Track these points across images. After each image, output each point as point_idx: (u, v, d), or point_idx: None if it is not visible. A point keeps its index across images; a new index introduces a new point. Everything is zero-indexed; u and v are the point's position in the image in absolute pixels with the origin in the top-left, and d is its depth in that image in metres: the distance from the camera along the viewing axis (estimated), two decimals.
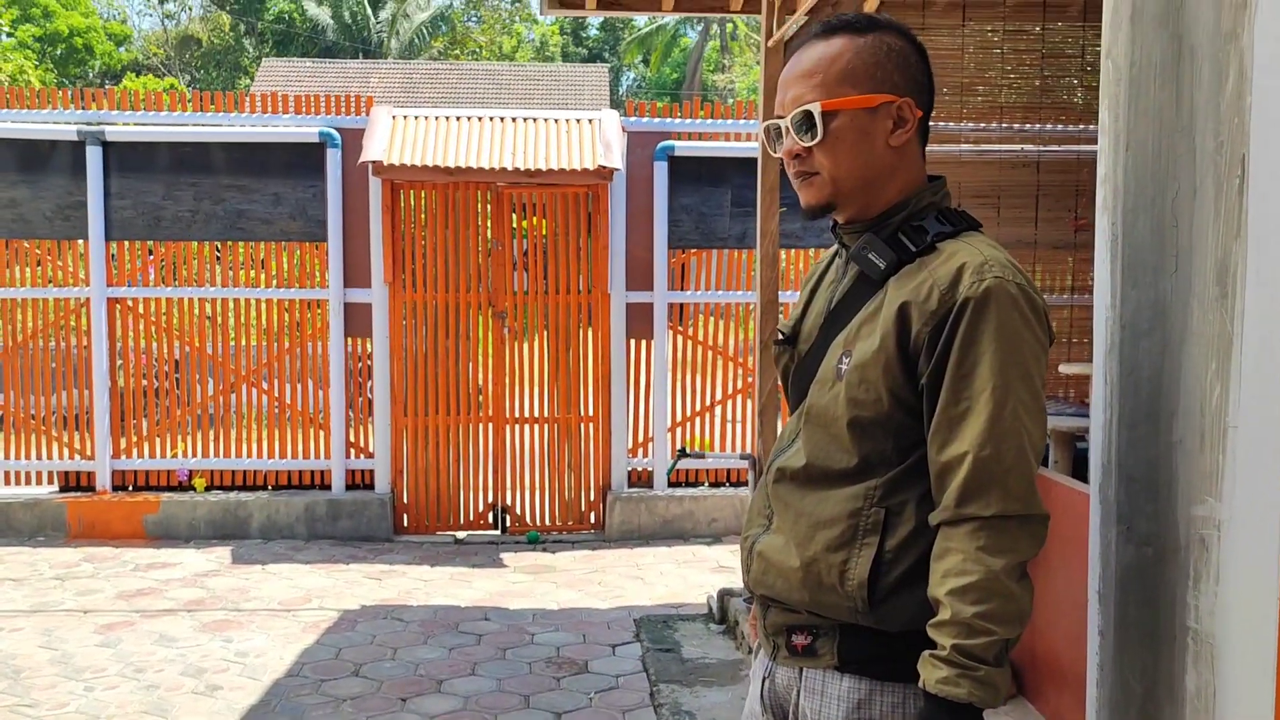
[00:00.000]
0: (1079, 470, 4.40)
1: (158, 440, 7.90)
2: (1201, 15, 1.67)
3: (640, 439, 7.99)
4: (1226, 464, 1.56)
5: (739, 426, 8.11)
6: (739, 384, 8.06)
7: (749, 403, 8.00)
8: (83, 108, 7.80)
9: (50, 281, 7.83)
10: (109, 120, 7.77)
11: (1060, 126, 5.76)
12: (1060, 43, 5.63)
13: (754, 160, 6.96)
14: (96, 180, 7.64)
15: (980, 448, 1.57)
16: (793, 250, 7.79)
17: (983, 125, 5.72)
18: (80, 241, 7.75)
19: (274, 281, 7.91)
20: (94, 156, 7.62)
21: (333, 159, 7.69)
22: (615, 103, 33.12)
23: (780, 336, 1.98)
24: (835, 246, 1.95)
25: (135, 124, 7.81)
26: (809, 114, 1.69)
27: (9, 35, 29.04)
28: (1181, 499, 1.70)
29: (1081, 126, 5.74)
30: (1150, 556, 1.78)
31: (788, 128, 1.74)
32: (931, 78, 1.81)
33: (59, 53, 31.89)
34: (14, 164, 7.66)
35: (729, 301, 7.98)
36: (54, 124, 7.70)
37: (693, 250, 7.92)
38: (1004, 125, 5.71)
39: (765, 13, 5.15)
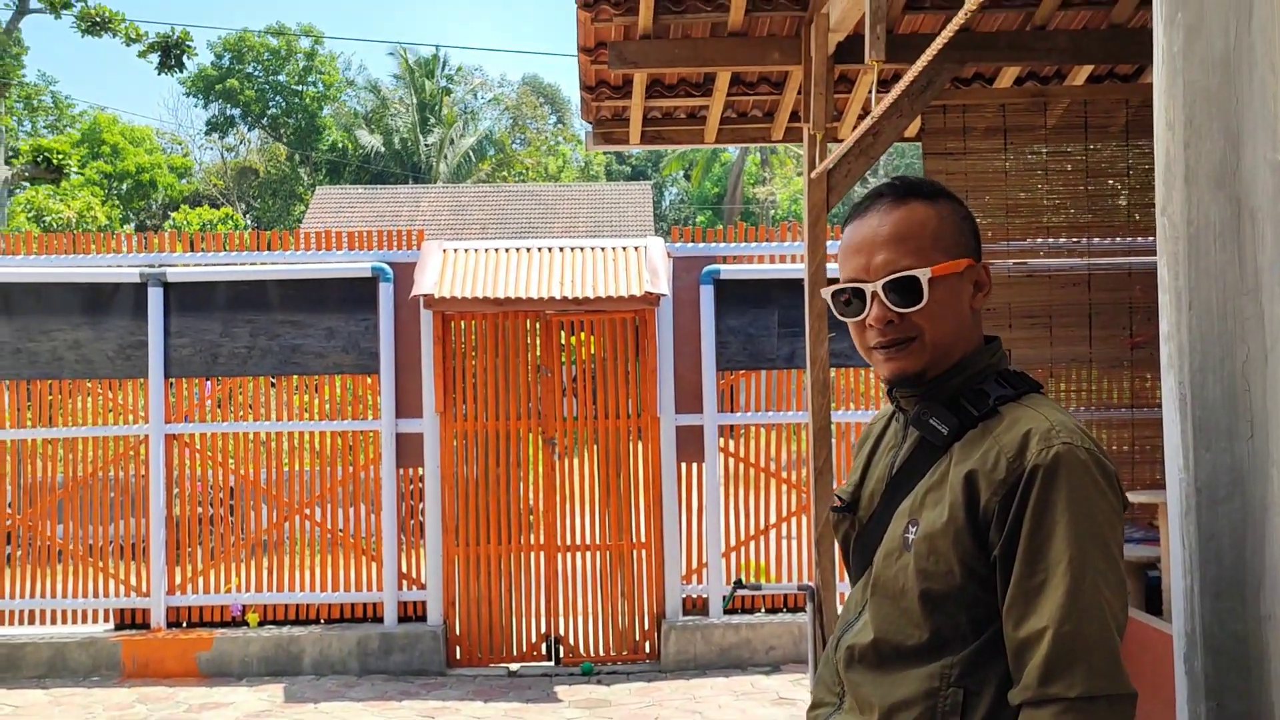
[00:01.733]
0: (1152, 603, 4.24)
1: (212, 574, 7.91)
2: (1260, 179, 1.65)
3: (694, 564, 7.86)
4: None
5: (796, 547, 7.95)
6: (793, 505, 7.93)
7: (804, 524, 7.86)
8: (144, 250, 8.07)
9: (111, 419, 7.99)
10: (170, 262, 8.02)
11: (1109, 240, 5.72)
12: (1104, 160, 5.63)
13: (799, 281, 6.98)
14: (157, 320, 7.85)
15: (1060, 623, 1.50)
16: (843, 369, 7.74)
17: (1029, 242, 5.70)
18: (141, 380, 7.92)
19: (327, 414, 8.00)
20: (155, 297, 7.84)
21: (385, 292, 7.85)
22: (658, 217, 33.72)
23: (839, 503, 1.94)
24: (890, 408, 1.92)
25: (194, 264, 8.05)
26: (914, 280, 1.69)
27: (77, 173, 30.35)
28: (1276, 678, 1.61)
29: (1131, 240, 5.69)
30: None
31: (876, 293, 1.73)
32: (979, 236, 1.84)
33: (124, 188, 33.25)
34: (78, 307, 7.90)
35: (780, 422, 7.92)
36: (117, 267, 7.96)
37: (741, 371, 7.91)
38: (1050, 240, 5.68)
39: (807, 144, 5.23)
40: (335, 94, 40.93)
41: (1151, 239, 5.40)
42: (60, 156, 20.85)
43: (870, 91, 4.44)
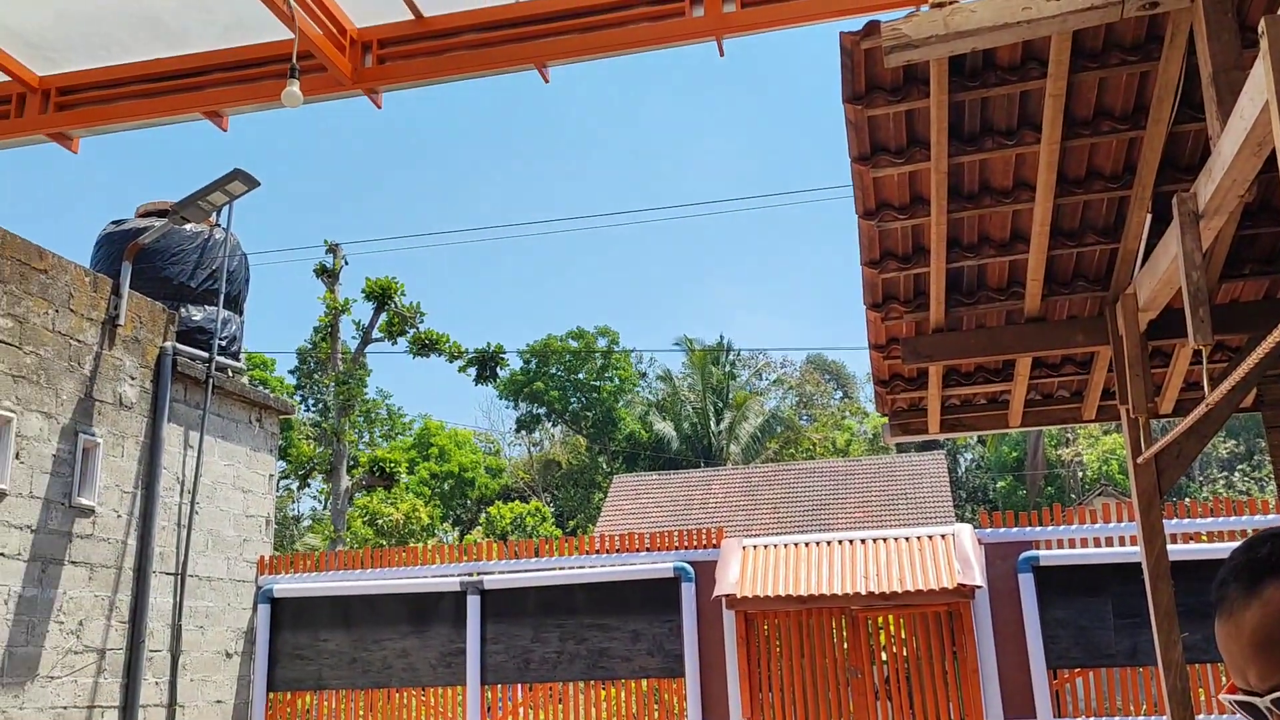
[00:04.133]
0: None
1: None
2: None
3: None
4: None
5: None
6: None
7: None
8: (465, 559, 8.57)
9: None
10: (486, 570, 8.45)
11: None
12: None
13: (1134, 565, 6.33)
14: (474, 628, 8.19)
15: None
16: (1198, 665, 6.80)
17: None
18: (460, 687, 8.18)
19: (634, 716, 7.88)
20: (473, 605, 8.23)
21: (687, 593, 7.83)
22: (954, 484, 32.42)
23: None
24: None
25: (506, 572, 8.43)
26: None
27: (406, 476, 33.43)
28: None
29: None
30: None
31: (1270, 708, 1.48)
32: None
33: (446, 487, 36.23)
34: (406, 616, 8.40)
35: None
36: (441, 576, 8.47)
37: (1075, 670, 7.11)
38: None
39: (1128, 428, 4.86)
40: (630, 387, 43.54)
41: None
42: (392, 465, 23.13)
43: (1202, 367, 4.10)
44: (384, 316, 21.72)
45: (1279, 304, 4.94)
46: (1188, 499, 7.32)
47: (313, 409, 34.91)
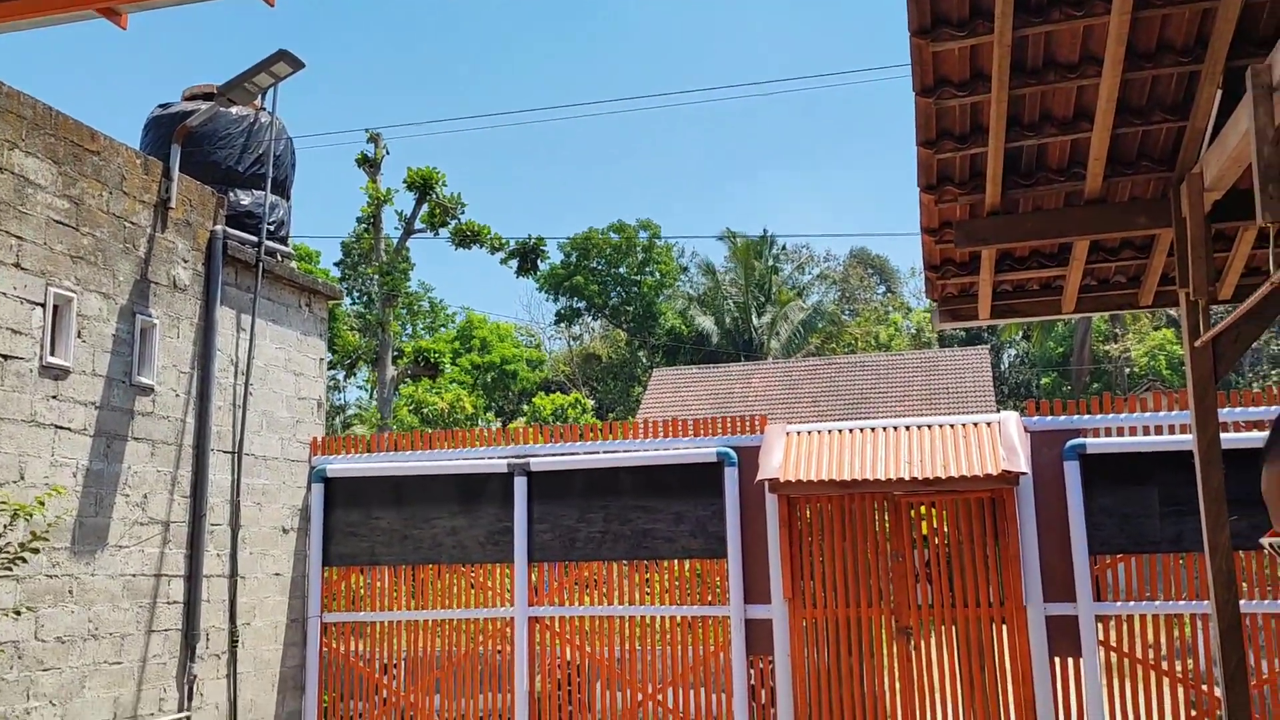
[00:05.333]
0: None
1: None
2: None
3: None
4: None
5: None
6: (1191, 710, 6.94)
7: None
8: (510, 442, 8.72)
9: (479, 601, 8.51)
10: (532, 453, 8.60)
11: None
12: None
13: (1183, 454, 6.32)
14: (521, 508, 8.38)
15: None
16: (1243, 551, 6.81)
17: None
18: (506, 565, 8.42)
19: (677, 599, 8.08)
20: (520, 486, 8.40)
21: (730, 477, 7.94)
22: (998, 381, 32.26)
23: None
24: None
25: (551, 455, 8.57)
26: None
27: (450, 367, 33.83)
28: None
29: None
30: None
31: None
32: None
33: (489, 379, 36.68)
34: (455, 496, 8.60)
35: (1168, 613, 7.05)
36: (488, 459, 8.64)
37: (1118, 555, 7.17)
38: None
39: (1186, 311, 4.80)
40: (671, 281, 43.43)
41: None
42: (436, 355, 23.41)
43: (1268, 250, 4.01)
44: (425, 207, 21.69)
45: None
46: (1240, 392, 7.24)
47: (357, 301, 35.22)
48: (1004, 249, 5.63)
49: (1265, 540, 1.57)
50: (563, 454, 8.55)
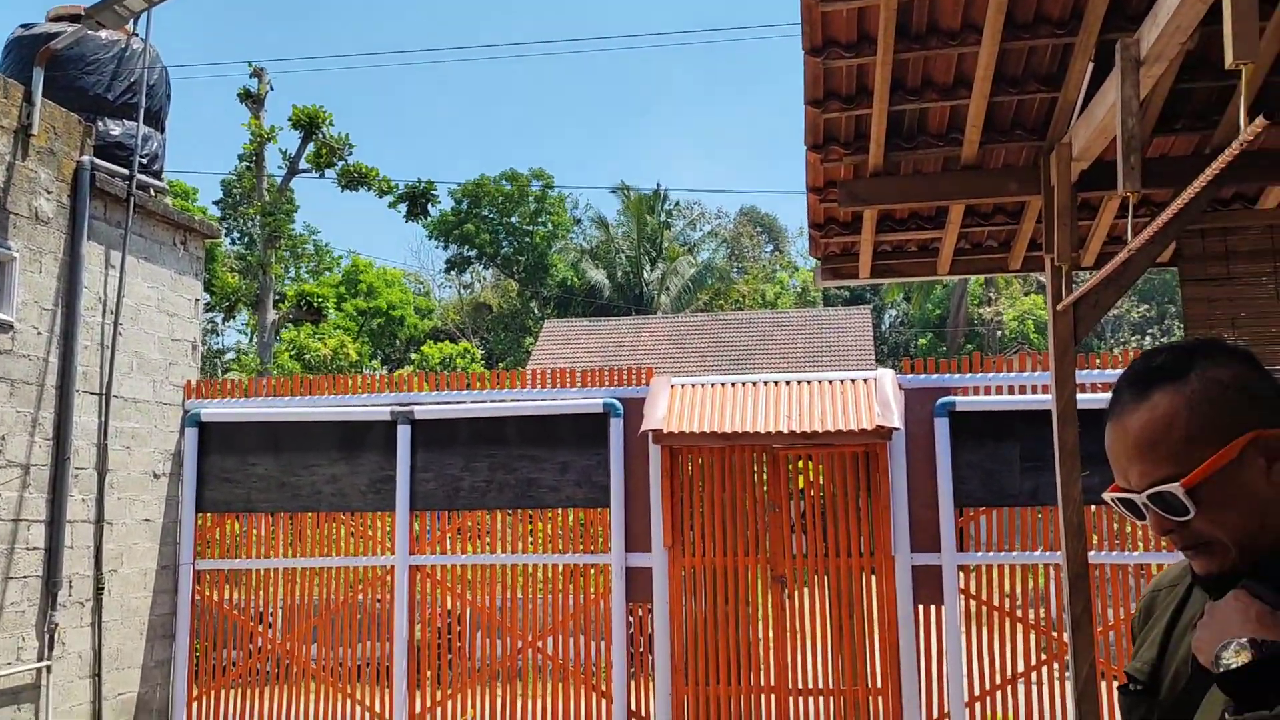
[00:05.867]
0: None
1: (449, 703, 8.09)
2: None
3: (935, 713, 7.38)
4: None
5: (1048, 698, 7.33)
6: (1042, 654, 7.36)
7: (1056, 674, 7.26)
8: (394, 389, 8.61)
9: (360, 549, 8.44)
10: (417, 401, 8.51)
11: None
12: None
13: (1043, 413, 6.62)
14: (404, 456, 8.30)
15: None
16: (1094, 506, 7.22)
17: None
18: (388, 513, 8.35)
19: (559, 548, 8.15)
20: (403, 435, 8.32)
21: (615, 428, 8.01)
22: (878, 340, 33.17)
23: (1134, 686, 1.74)
24: (1187, 578, 1.73)
25: (437, 404, 8.50)
26: (1171, 494, 1.52)
27: (334, 313, 33.06)
28: None
29: None
30: None
31: (1146, 504, 1.57)
32: (1276, 383, 1.59)
33: (375, 325, 35.99)
34: (336, 444, 8.47)
35: (1024, 563, 7.43)
36: (371, 406, 8.52)
37: (981, 509, 7.51)
38: None
39: (1050, 276, 5.01)
40: (563, 233, 43.18)
41: None
42: (320, 300, 22.83)
43: (1127, 220, 4.22)
44: (311, 147, 21.01)
45: (1206, 160, 5.05)
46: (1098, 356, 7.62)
47: (238, 242, 33.97)
48: (885, 210, 5.78)
49: (1107, 495, 1.67)
50: (448, 402, 8.49)
